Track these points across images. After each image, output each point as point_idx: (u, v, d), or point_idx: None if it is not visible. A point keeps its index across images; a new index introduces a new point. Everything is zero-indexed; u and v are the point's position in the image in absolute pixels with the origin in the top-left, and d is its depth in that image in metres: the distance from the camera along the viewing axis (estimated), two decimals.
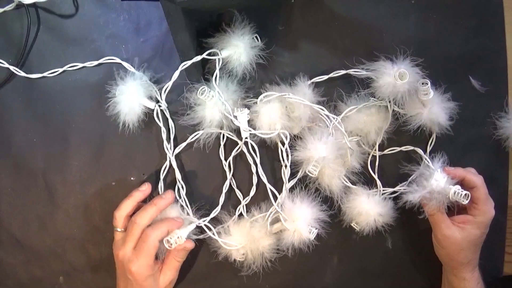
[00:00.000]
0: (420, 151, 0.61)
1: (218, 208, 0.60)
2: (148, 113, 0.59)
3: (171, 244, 0.53)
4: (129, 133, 0.59)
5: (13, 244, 0.61)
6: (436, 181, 0.55)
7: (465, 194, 0.54)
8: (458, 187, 0.54)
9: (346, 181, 0.58)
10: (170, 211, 0.57)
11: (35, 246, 0.61)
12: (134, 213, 0.56)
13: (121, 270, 0.55)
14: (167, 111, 0.59)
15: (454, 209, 0.58)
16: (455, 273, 0.58)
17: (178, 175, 0.59)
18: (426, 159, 0.59)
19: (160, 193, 0.60)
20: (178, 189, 0.59)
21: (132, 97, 0.56)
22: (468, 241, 0.56)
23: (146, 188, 0.57)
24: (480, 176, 0.56)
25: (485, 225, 0.56)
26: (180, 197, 0.59)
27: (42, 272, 0.61)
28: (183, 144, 0.60)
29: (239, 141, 0.59)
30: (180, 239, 0.54)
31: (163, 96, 0.58)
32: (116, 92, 0.56)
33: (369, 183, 0.61)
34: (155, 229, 0.53)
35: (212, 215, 0.59)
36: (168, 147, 0.59)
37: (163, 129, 0.59)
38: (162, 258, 0.57)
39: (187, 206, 0.59)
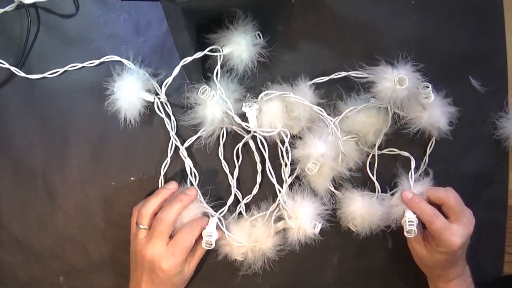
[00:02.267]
0: (412, 161, 0.60)
1: (231, 198, 0.60)
2: (149, 112, 0.59)
3: (211, 245, 0.55)
4: (129, 133, 0.59)
5: (13, 244, 0.61)
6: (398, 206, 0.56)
7: (408, 230, 0.54)
8: (411, 215, 0.54)
9: (331, 186, 0.59)
10: (190, 204, 0.57)
11: (35, 246, 0.61)
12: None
13: (147, 267, 0.53)
14: (168, 104, 0.59)
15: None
16: (429, 278, 0.59)
17: (189, 163, 0.59)
18: (411, 174, 0.59)
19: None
20: (190, 180, 0.59)
21: (131, 92, 0.55)
22: (434, 262, 0.55)
23: (173, 187, 0.57)
24: (432, 211, 0.54)
25: (448, 253, 0.54)
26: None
27: (42, 272, 0.61)
28: (194, 137, 0.59)
29: (245, 134, 0.59)
30: (213, 235, 0.55)
31: (163, 90, 0.57)
32: (114, 88, 0.56)
33: (367, 183, 0.61)
34: (193, 229, 0.54)
35: (228, 203, 0.59)
36: (174, 135, 0.59)
37: (166, 120, 0.59)
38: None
39: (200, 196, 0.58)
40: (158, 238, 0.53)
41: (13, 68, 0.59)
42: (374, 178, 0.61)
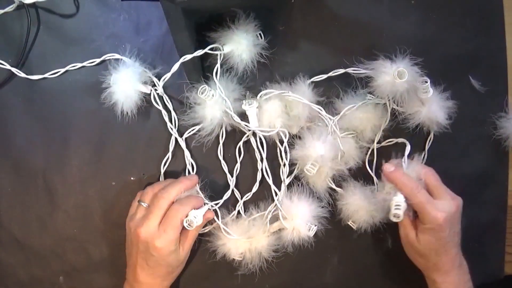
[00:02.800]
0: (407, 145, 0.59)
1: (229, 192, 0.60)
2: (149, 110, 0.59)
3: (191, 225, 0.53)
4: (130, 133, 0.60)
5: (13, 244, 0.61)
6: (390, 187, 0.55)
7: (394, 214, 0.52)
8: (399, 199, 0.53)
9: (331, 183, 0.58)
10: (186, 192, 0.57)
11: (35, 246, 0.61)
12: None
13: (142, 247, 0.53)
14: (166, 97, 0.59)
15: None
16: (426, 274, 0.58)
17: (187, 153, 0.59)
18: (404, 159, 0.57)
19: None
20: (188, 170, 0.60)
21: (127, 85, 0.55)
22: (424, 245, 0.54)
23: (195, 178, 0.57)
24: (412, 183, 0.53)
25: (436, 230, 0.53)
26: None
27: (42, 272, 0.61)
28: (197, 127, 0.58)
29: (246, 131, 0.59)
30: (197, 218, 0.54)
31: (161, 83, 0.57)
32: (110, 81, 0.55)
33: (368, 179, 0.61)
34: (183, 205, 0.53)
35: (225, 197, 0.59)
36: (170, 125, 0.59)
37: (164, 112, 0.59)
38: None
39: (196, 185, 0.59)
40: (154, 214, 0.52)
41: (13, 69, 0.58)
42: (372, 174, 0.61)
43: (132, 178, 0.61)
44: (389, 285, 0.64)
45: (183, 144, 0.59)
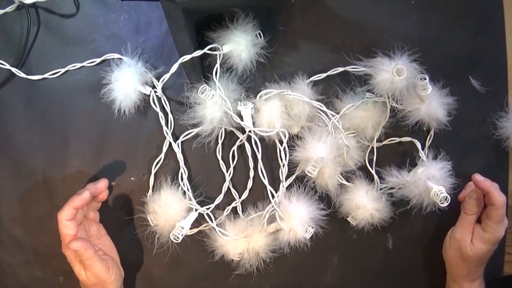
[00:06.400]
0: (417, 142, 0.60)
1: (221, 196, 0.60)
2: (149, 110, 0.59)
3: (178, 238, 0.54)
4: (130, 133, 0.60)
5: (13, 244, 0.61)
6: (421, 173, 0.55)
7: (444, 197, 0.53)
8: (441, 188, 0.53)
9: (341, 179, 0.58)
10: (171, 197, 0.57)
11: (35, 246, 0.61)
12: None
13: None
14: (165, 98, 0.59)
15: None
16: (454, 278, 0.59)
17: (180, 157, 0.59)
18: (420, 152, 0.59)
19: (150, 186, 0.60)
20: (181, 174, 0.59)
21: (128, 84, 0.55)
22: (473, 254, 0.56)
23: (102, 185, 0.56)
24: (503, 197, 0.55)
25: (492, 243, 0.55)
26: (182, 180, 0.59)
27: (42, 272, 0.61)
28: (193, 133, 0.59)
29: (240, 135, 0.59)
30: (184, 230, 0.55)
31: (160, 84, 0.57)
32: (111, 78, 0.55)
33: (370, 177, 0.61)
34: (60, 212, 0.53)
35: (216, 201, 0.60)
36: (165, 128, 0.59)
37: (161, 114, 0.59)
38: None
39: (188, 191, 0.59)
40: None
41: (13, 69, 0.58)
42: (373, 171, 0.61)
43: (132, 178, 0.61)
44: (389, 285, 0.64)
45: (176, 148, 0.59)
